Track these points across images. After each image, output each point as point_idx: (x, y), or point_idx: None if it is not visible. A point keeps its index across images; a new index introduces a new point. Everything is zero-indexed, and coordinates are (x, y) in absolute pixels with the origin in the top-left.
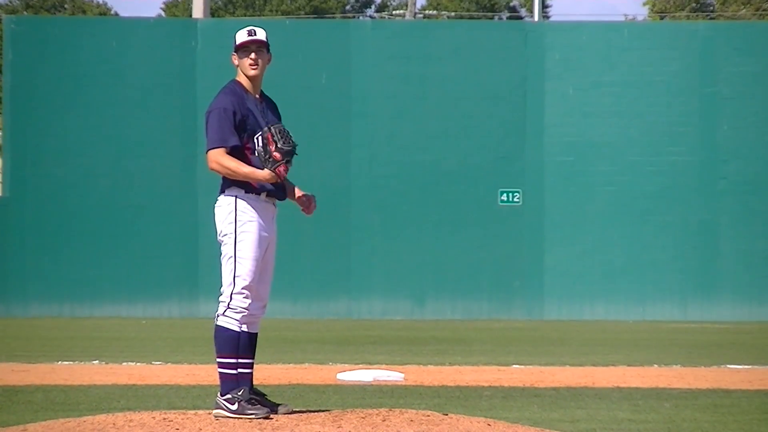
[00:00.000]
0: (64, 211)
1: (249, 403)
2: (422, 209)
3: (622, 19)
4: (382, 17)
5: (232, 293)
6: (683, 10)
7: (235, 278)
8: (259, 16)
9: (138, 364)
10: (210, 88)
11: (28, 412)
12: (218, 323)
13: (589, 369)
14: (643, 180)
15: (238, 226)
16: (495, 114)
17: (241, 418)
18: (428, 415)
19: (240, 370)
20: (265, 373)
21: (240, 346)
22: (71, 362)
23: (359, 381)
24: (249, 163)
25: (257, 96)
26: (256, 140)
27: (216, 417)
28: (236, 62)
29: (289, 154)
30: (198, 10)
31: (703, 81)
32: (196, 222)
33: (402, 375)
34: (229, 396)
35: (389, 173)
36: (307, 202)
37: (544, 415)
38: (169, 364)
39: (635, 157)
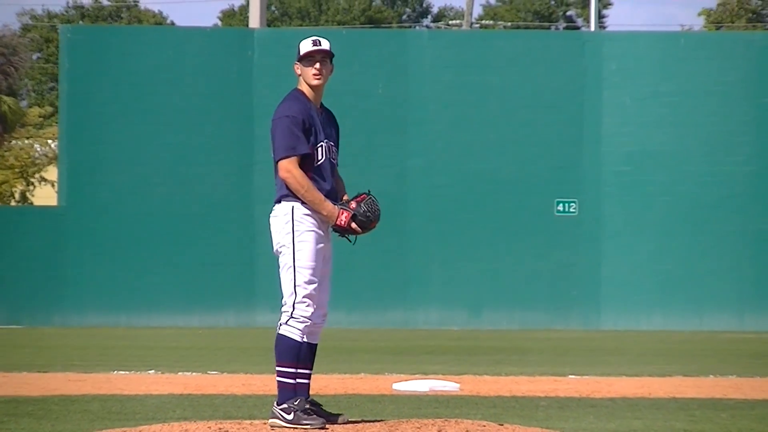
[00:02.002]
0: (121, 220)
1: (305, 413)
2: (479, 218)
3: (679, 29)
4: (438, 27)
5: (294, 303)
6: (739, 20)
7: (296, 287)
8: (315, 26)
9: (194, 373)
10: (266, 97)
11: (84, 421)
12: (280, 332)
13: (646, 379)
14: (700, 190)
15: (296, 236)
16: (552, 123)
17: (296, 428)
18: (484, 426)
19: (298, 380)
20: (321, 383)
21: (300, 356)
22: (127, 372)
23: (415, 391)
24: (308, 171)
25: (318, 107)
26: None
27: (272, 426)
28: (299, 71)
29: (364, 216)
30: (255, 20)
31: (760, 91)
32: (252, 230)
33: (458, 385)
34: (285, 405)
35: (446, 182)
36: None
37: (600, 426)
38: (225, 373)
39: (692, 166)
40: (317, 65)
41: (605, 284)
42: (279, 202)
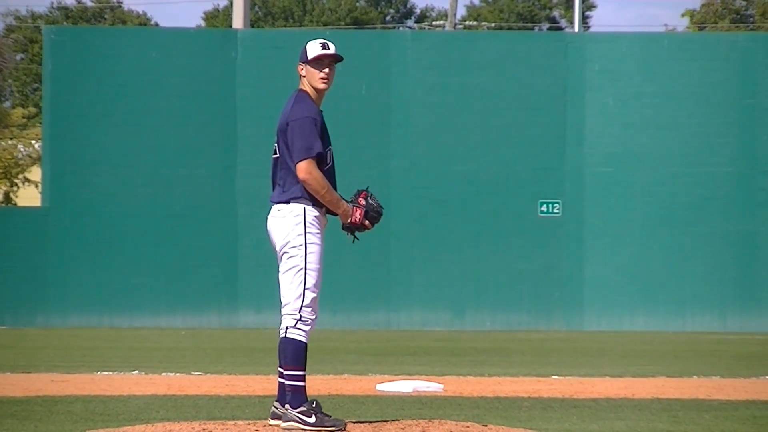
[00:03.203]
0: (104, 221)
1: (325, 416)
2: (461, 220)
3: (663, 29)
4: (421, 28)
5: (302, 306)
6: (723, 21)
7: (305, 290)
8: (299, 26)
9: (177, 374)
10: (250, 98)
11: (68, 422)
12: (289, 336)
13: (629, 380)
14: (683, 191)
15: (308, 239)
16: (535, 125)
17: (320, 430)
18: (467, 426)
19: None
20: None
21: (306, 357)
22: (110, 372)
23: (399, 392)
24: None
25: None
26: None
27: (288, 430)
28: (303, 73)
29: (375, 212)
30: (238, 21)
31: (743, 92)
32: (235, 231)
33: (441, 386)
34: (304, 409)
35: (429, 183)
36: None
37: (583, 427)
38: (209, 374)
39: (675, 168)
40: (326, 70)
41: (588, 285)
42: (287, 203)
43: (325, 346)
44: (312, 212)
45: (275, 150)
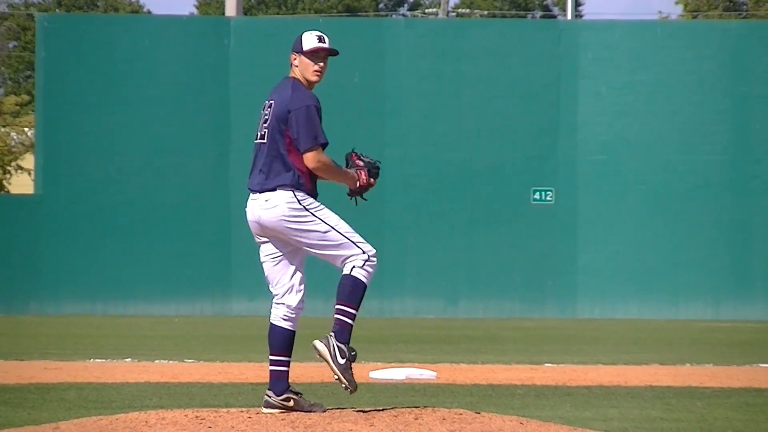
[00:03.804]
0: (97, 209)
1: (351, 369)
2: (455, 208)
3: (656, 17)
4: (415, 16)
5: (363, 249)
6: (716, 9)
7: (350, 238)
8: (291, 14)
9: (170, 362)
10: (243, 85)
11: (60, 409)
12: (353, 274)
13: (622, 368)
14: (676, 179)
15: (311, 207)
16: (528, 113)
17: (342, 375)
18: (461, 414)
19: (284, 367)
20: (298, 372)
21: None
22: (104, 360)
23: (392, 379)
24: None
25: None
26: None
27: (318, 350)
28: (296, 63)
29: (374, 167)
30: (231, 8)
31: (736, 80)
32: (228, 220)
33: (434, 373)
34: (344, 347)
35: (422, 172)
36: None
37: (576, 414)
38: (202, 362)
39: (668, 156)
40: (321, 63)
41: (581, 273)
42: (274, 190)
43: (318, 334)
44: (300, 192)
45: (261, 135)
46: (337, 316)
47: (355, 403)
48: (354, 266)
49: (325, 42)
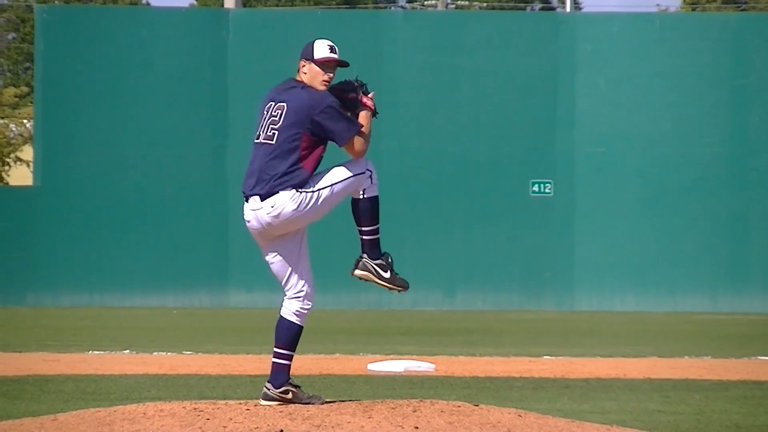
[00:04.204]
0: (95, 201)
1: (392, 269)
2: (452, 200)
3: (655, 9)
4: (413, 8)
5: (365, 170)
6: (715, 1)
7: (352, 172)
8: (290, 6)
9: (168, 353)
10: (241, 78)
11: (58, 401)
12: (366, 196)
13: (620, 360)
14: (674, 171)
15: (312, 188)
16: (526, 105)
17: (391, 285)
18: (459, 406)
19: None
20: (296, 364)
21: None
22: (102, 352)
23: (390, 372)
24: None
25: None
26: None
27: (362, 278)
28: (305, 70)
29: (360, 84)
30: (229, 0)
31: (734, 73)
32: (226, 211)
33: (433, 366)
34: (383, 262)
35: (419, 164)
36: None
37: (574, 407)
38: (200, 354)
39: (666, 148)
40: (330, 74)
41: (579, 265)
42: (277, 193)
43: (316, 326)
44: (301, 188)
45: (268, 135)
46: (363, 237)
47: (352, 395)
48: (364, 189)
49: (336, 53)
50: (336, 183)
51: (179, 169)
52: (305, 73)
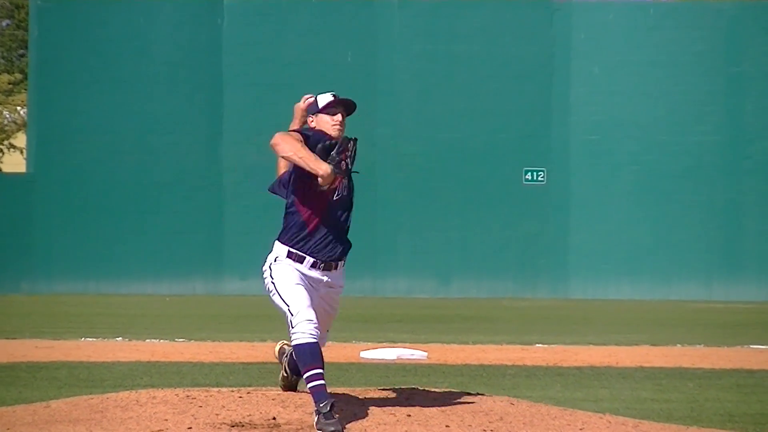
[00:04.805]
0: (89, 188)
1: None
2: (447, 187)
3: None
4: None
5: (293, 312)
6: None
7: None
8: None
9: (162, 341)
10: (235, 65)
11: (52, 388)
12: (293, 343)
13: (613, 348)
14: (669, 159)
15: (271, 275)
16: (521, 93)
17: None
18: (451, 394)
19: None
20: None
21: None
22: (95, 339)
23: (383, 359)
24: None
25: None
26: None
27: None
28: (313, 124)
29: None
30: None
31: (729, 60)
32: (221, 199)
33: (425, 353)
34: (326, 413)
35: (414, 151)
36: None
37: (567, 395)
38: (193, 341)
39: (661, 136)
40: (338, 116)
41: (573, 253)
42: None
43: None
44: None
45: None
46: (307, 386)
47: (346, 383)
48: (292, 334)
49: (337, 98)
50: (279, 291)
51: (174, 157)
52: (314, 127)
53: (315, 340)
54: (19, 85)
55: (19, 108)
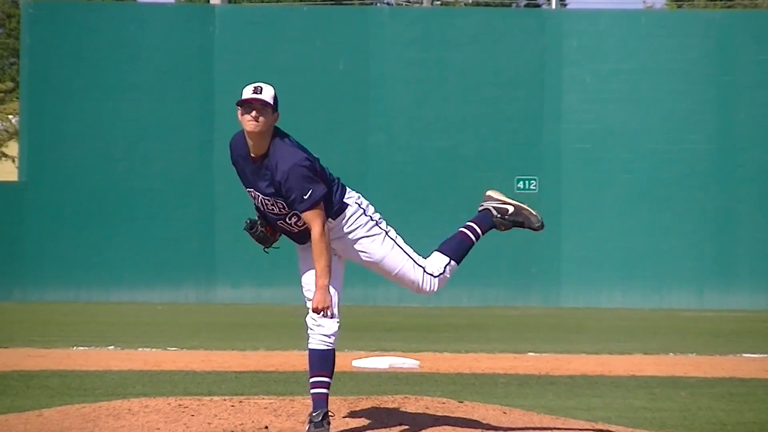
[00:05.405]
0: (81, 196)
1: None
2: (439, 195)
3: (642, 6)
4: (399, 4)
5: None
6: None
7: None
8: (276, 2)
9: (154, 349)
10: (227, 73)
11: (44, 397)
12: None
13: (605, 357)
14: (661, 167)
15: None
16: (512, 101)
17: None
18: (444, 403)
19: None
20: (281, 359)
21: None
22: (87, 347)
23: (375, 368)
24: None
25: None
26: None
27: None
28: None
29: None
30: None
31: (721, 69)
32: (213, 206)
33: (418, 362)
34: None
35: (407, 159)
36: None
37: (559, 403)
38: (185, 349)
39: (653, 144)
40: (254, 113)
41: (565, 261)
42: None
43: (301, 322)
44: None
45: None
46: (310, 390)
47: (337, 392)
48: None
49: (260, 93)
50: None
51: (166, 164)
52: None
53: (332, 347)
54: (10, 94)
55: (10, 116)
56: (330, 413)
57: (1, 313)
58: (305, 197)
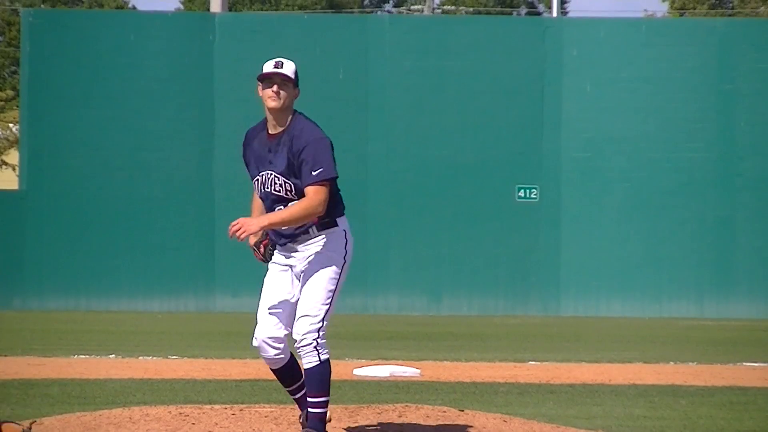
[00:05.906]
0: (81, 204)
1: None
2: (439, 204)
3: (642, 14)
4: (399, 12)
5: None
6: (702, 6)
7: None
8: (275, 9)
9: (154, 358)
10: (227, 81)
11: (44, 405)
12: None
13: (605, 366)
14: (660, 176)
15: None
16: (512, 109)
17: None
18: (444, 411)
19: None
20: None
21: None
22: (87, 356)
23: (375, 376)
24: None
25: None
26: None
27: None
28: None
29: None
30: (216, 4)
31: (721, 78)
32: (212, 215)
33: (418, 371)
34: None
35: (406, 167)
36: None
37: (560, 412)
38: (185, 358)
39: (652, 153)
40: (275, 87)
41: (565, 270)
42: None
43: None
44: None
45: None
46: (309, 409)
47: (338, 400)
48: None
49: (281, 67)
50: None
51: (166, 173)
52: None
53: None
54: (11, 102)
55: (11, 125)
56: (329, 419)
57: (1, 322)
58: (315, 171)
